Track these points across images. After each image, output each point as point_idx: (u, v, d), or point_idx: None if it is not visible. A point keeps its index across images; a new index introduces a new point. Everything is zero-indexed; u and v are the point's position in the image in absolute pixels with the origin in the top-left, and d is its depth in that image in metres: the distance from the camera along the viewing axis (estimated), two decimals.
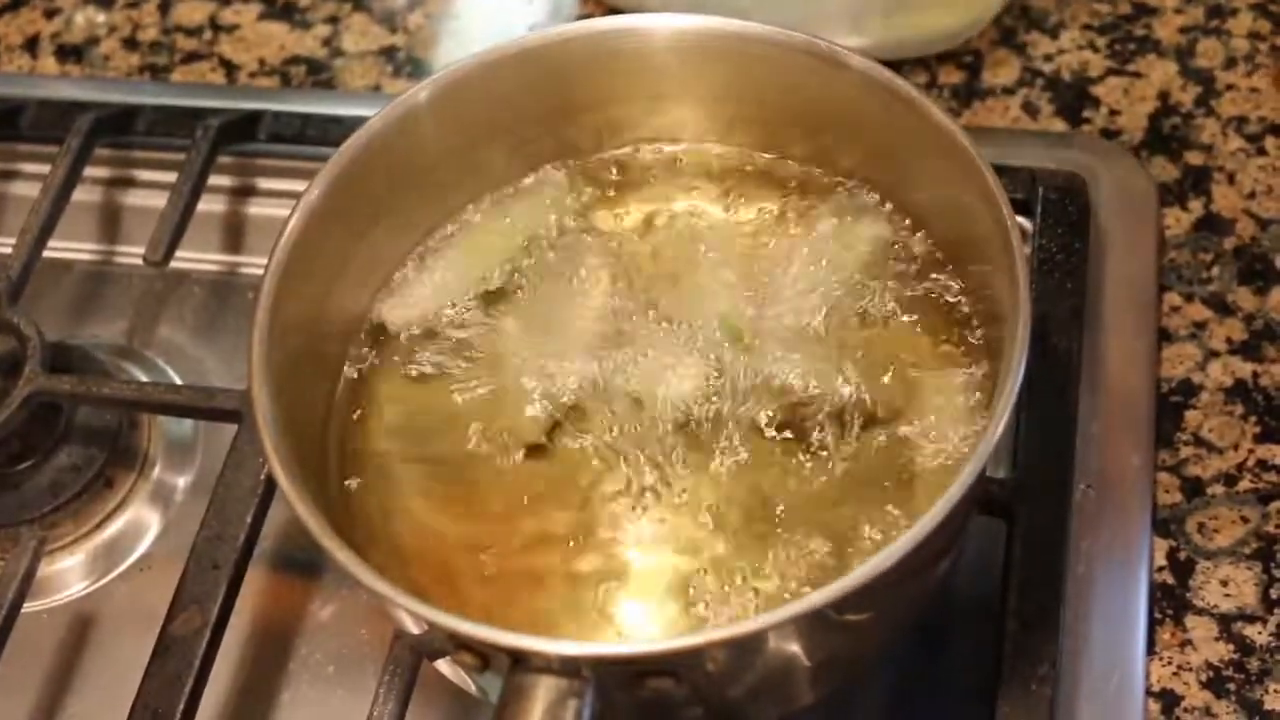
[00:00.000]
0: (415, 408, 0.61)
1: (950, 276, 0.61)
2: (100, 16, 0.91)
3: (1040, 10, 0.82)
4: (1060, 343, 0.66)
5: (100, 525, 0.73)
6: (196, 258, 0.80)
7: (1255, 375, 0.69)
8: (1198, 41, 0.80)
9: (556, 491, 0.58)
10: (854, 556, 0.55)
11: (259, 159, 0.81)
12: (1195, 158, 0.76)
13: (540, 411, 0.59)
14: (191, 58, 0.88)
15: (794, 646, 0.52)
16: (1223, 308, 0.71)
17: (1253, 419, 0.68)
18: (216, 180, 0.79)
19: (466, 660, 0.50)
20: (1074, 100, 0.79)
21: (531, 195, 0.66)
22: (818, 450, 0.57)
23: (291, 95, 0.85)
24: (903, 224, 0.62)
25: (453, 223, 0.65)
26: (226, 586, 0.63)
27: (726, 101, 0.64)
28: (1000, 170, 0.56)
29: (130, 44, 0.90)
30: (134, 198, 0.83)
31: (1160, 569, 0.64)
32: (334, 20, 0.88)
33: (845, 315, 0.60)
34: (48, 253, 0.75)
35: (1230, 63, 0.79)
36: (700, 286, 0.61)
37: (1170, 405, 0.68)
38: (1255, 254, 0.72)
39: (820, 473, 0.57)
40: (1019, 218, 0.56)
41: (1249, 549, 0.64)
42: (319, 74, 0.86)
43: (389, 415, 0.61)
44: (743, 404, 0.58)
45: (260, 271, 0.57)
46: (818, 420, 0.58)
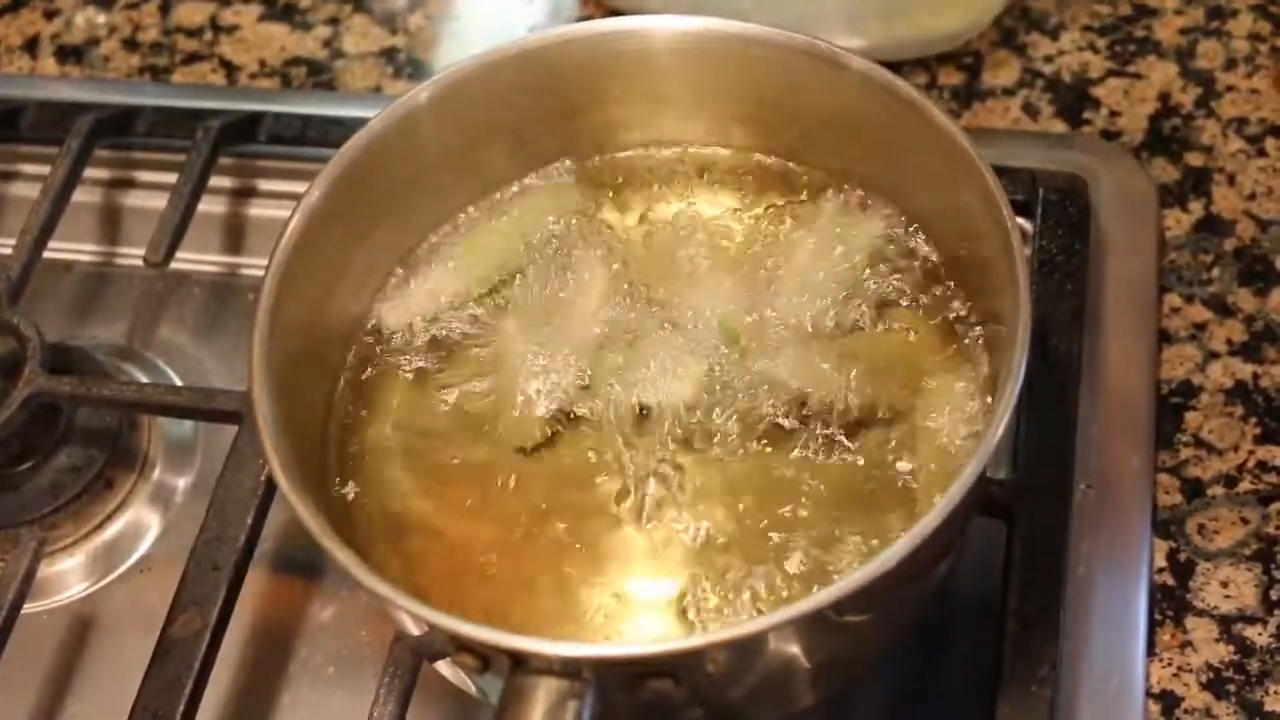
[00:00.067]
0: (416, 409, 0.61)
1: (950, 278, 0.61)
2: (100, 17, 0.91)
3: (1041, 11, 0.82)
4: (1060, 344, 0.66)
5: (100, 526, 0.73)
6: (197, 259, 0.80)
7: (1255, 376, 0.69)
8: (1198, 43, 0.80)
9: (556, 493, 0.58)
10: (854, 558, 0.55)
11: (259, 160, 0.81)
12: (1195, 159, 0.76)
13: (540, 412, 0.59)
14: (192, 59, 0.88)
15: (794, 648, 0.52)
16: (1223, 309, 0.71)
17: (1253, 420, 0.68)
18: (217, 181, 0.79)
19: (467, 662, 0.50)
20: (1074, 101, 0.79)
21: (531, 196, 0.66)
22: (818, 452, 0.57)
23: (292, 96, 0.85)
24: (903, 225, 0.62)
25: (453, 224, 0.65)
26: (226, 588, 0.63)
27: (726, 103, 0.64)
28: (1000, 171, 0.56)
29: (130, 45, 0.90)
30: (134, 199, 0.83)
31: (1160, 570, 0.64)
32: (334, 21, 0.88)
33: (845, 317, 0.60)
34: (48, 254, 0.75)
35: (1230, 64, 0.79)
36: (699, 288, 0.61)
37: (1170, 406, 0.68)
38: (1255, 255, 0.72)
39: (820, 475, 0.57)
40: (1019, 219, 0.56)
41: (1249, 550, 0.64)
42: (319, 75, 0.86)
43: (389, 416, 0.61)
44: (742, 406, 0.58)
45: (260, 273, 0.57)
46: (817, 422, 0.58)
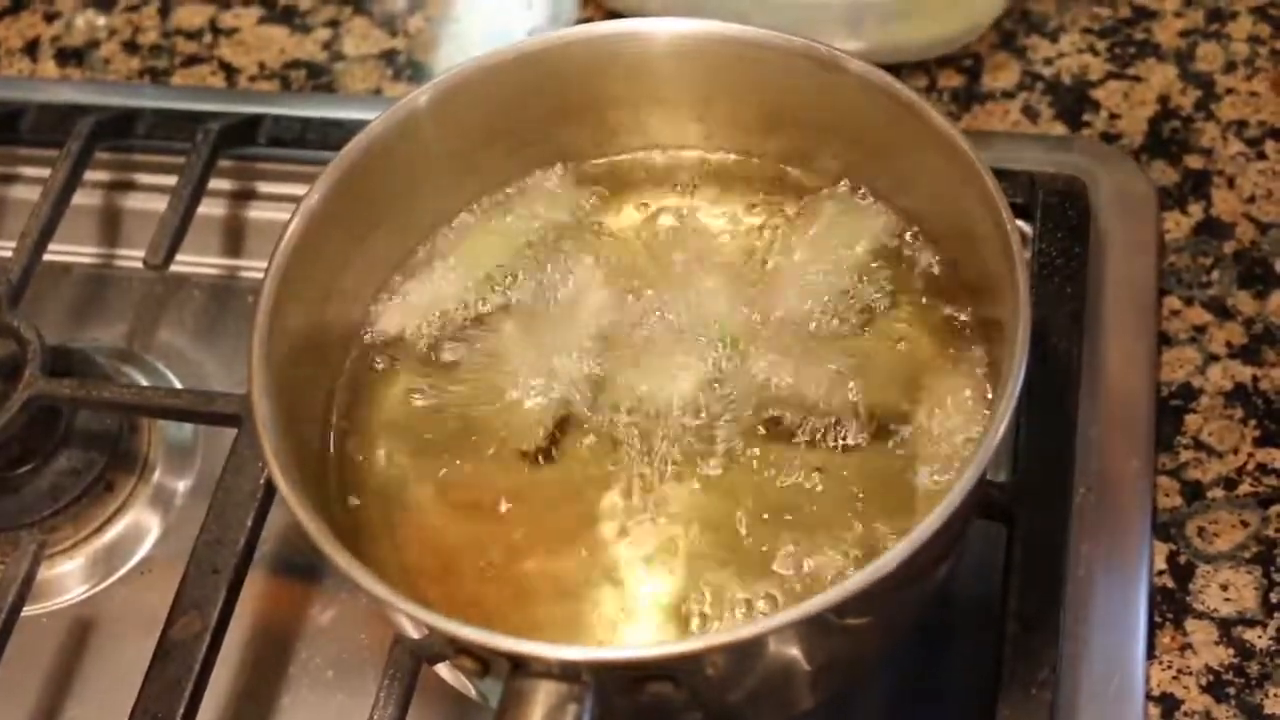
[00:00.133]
0: (415, 411, 0.61)
1: (949, 280, 0.61)
2: (100, 20, 0.91)
3: (1040, 14, 0.82)
4: (1060, 346, 0.66)
5: (100, 529, 0.73)
6: (196, 261, 0.80)
7: (1255, 379, 0.69)
8: (1197, 45, 0.80)
9: (556, 495, 0.58)
10: (854, 561, 0.55)
11: (259, 162, 0.81)
12: (1195, 161, 0.76)
13: (539, 415, 0.59)
14: (192, 61, 0.88)
15: (794, 651, 0.52)
16: (1222, 312, 0.71)
17: (1253, 423, 0.68)
18: (217, 184, 0.79)
19: (466, 665, 0.50)
20: (1074, 104, 0.79)
21: (531, 198, 0.66)
22: (817, 455, 0.57)
23: (292, 99, 0.85)
24: (902, 228, 0.62)
25: (452, 226, 0.65)
26: (226, 591, 0.63)
27: (725, 105, 0.64)
28: (1000, 174, 0.56)
29: (130, 47, 0.90)
30: (134, 201, 0.83)
31: (1160, 573, 0.64)
32: (334, 24, 0.88)
33: (844, 319, 0.60)
34: (48, 256, 0.75)
35: (1230, 66, 0.79)
36: (699, 290, 0.61)
37: (1170, 409, 0.68)
38: (1255, 258, 0.72)
39: (820, 477, 0.57)
40: (1019, 221, 0.56)
41: (1249, 553, 0.64)
42: (319, 78, 0.86)
43: (389, 419, 0.61)
44: (742, 408, 0.58)
45: (260, 275, 0.57)
46: (817, 425, 0.58)
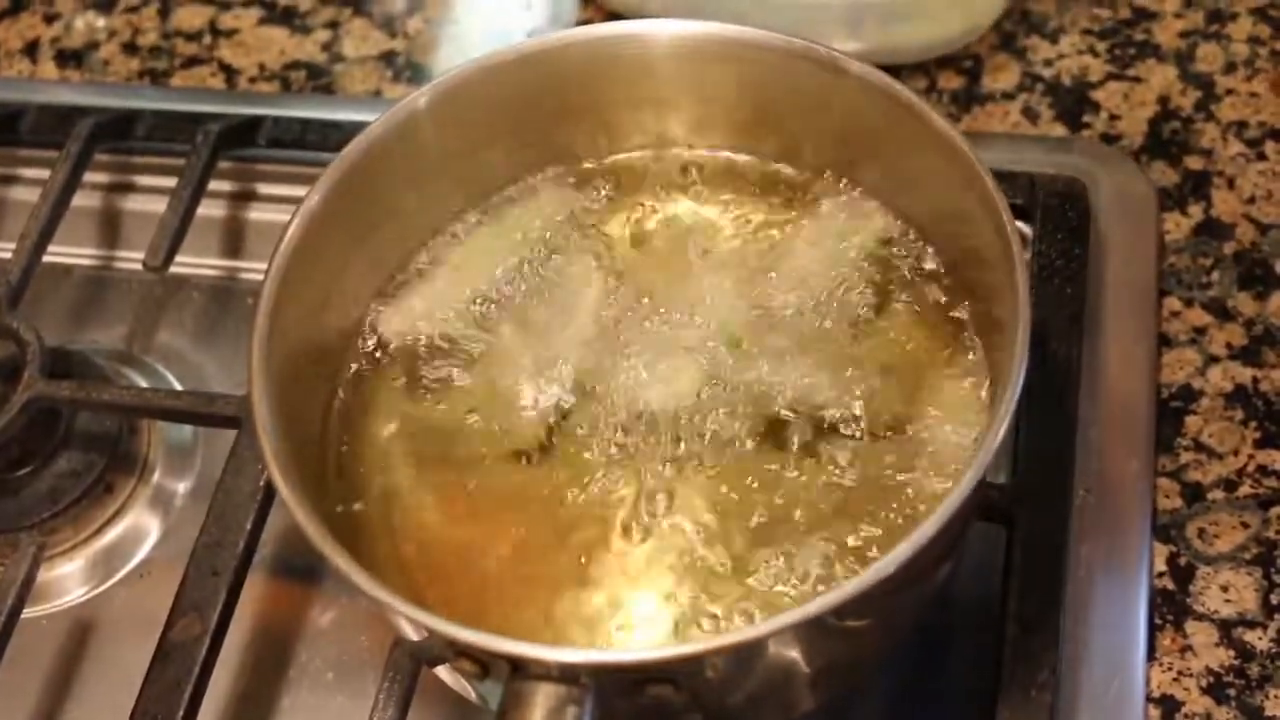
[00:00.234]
0: (414, 413, 0.61)
1: (949, 281, 0.61)
2: (100, 21, 0.91)
3: (1040, 15, 0.82)
4: (1060, 348, 0.66)
5: (100, 531, 0.72)
6: (196, 263, 0.80)
7: (1255, 380, 0.69)
8: (1197, 46, 0.80)
9: (556, 497, 0.58)
10: (854, 563, 0.55)
11: (259, 164, 0.81)
12: (1195, 162, 0.76)
13: (539, 417, 0.59)
14: (191, 62, 0.88)
15: (794, 653, 0.52)
16: (1223, 313, 0.71)
17: (1253, 424, 0.68)
18: (216, 185, 0.79)
19: (466, 667, 0.50)
20: (1074, 105, 0.79)
21: (531, 200, 0.66)
22: (817, 457, 0.57)
23: (291, 100, 0.85)
24: (902, 229, 0.62)
25: (452, 227, 0.65)
26: (226, 592, 0.63)
27: (725, 106, 0.64)
28: (1000, 175, 0.56)
29: (130, 49, 0.90)
30: (134, 203, 0.83)
31: (1160, 574, 0.64)
32: (334, 25, 0.88)
33: (844, 321, 0.60)
34: (47, 258, 0.75)
35: (1230, 67, 0.79)
36: (699, 292, 0.61)
37: (1170, 410, 0.68)
38: (1255, 259, 0.72)
39: (820, 479, 0.57)
40: (1019, 223, 0.56)
41: (1249, 554, 0.64)
42: (319, 79, 0.86)
43: (388, 420, 0.61)
44: (741, 409, 0.58)
45: (260, 277, 0.57)
46: (817, 425, 0.58)
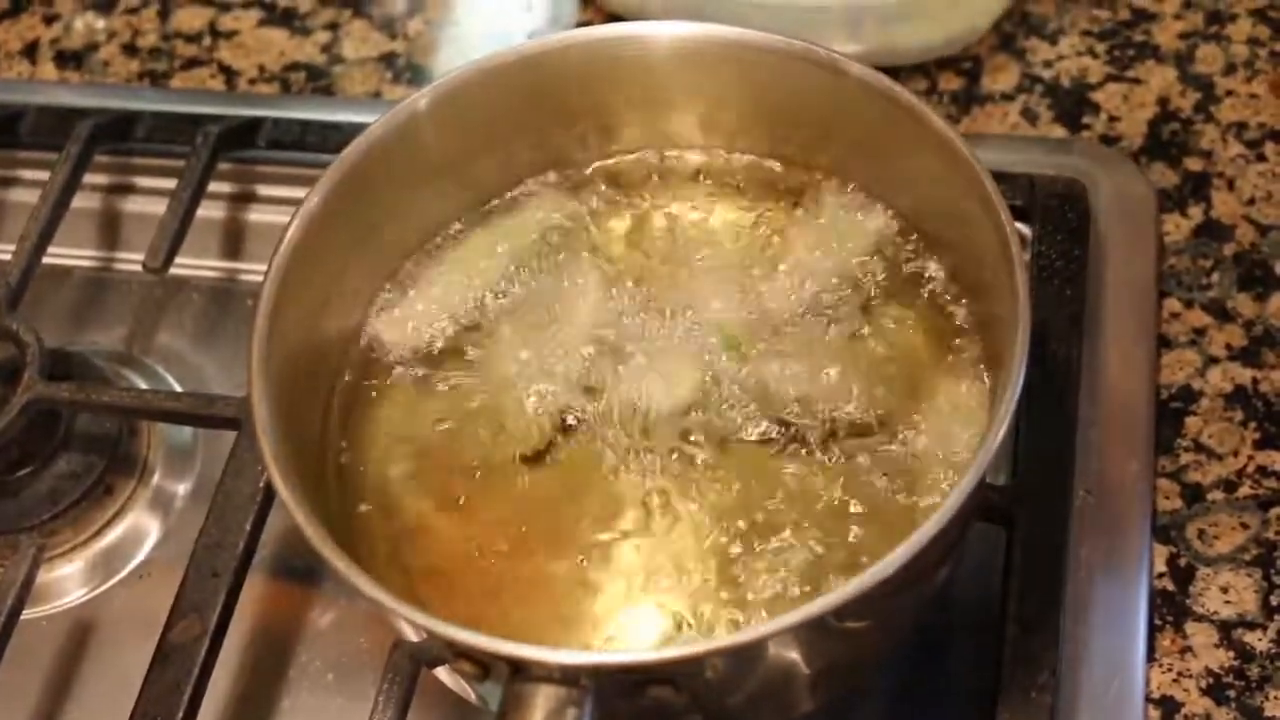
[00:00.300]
0: (414, 415, 0.61)
1: (949, 283, 0.61)
2: (100, 22, 0.91)
3: (1040, 16, 0.82)
4: (1060, 349, 0.66)
5: (99, 532, 0.72)
6: (196, 264, 0.80)
7: (1255, 381, 0.69)
8: (1197, 47, 0.80)
9: (556, 500, 0.58)
10: (854, 564, 0.55)
11: (259, 165, 0.81)
12: (1195, 164, 0.76)
13: (538, 420, 0.59)
14: (191, 64, 0.88)
15: (794, 654, 0.52)
16: (1222, 314, 0.71)
17: (1253, 425, 0.68)
18: (216, 187, 0.79)
19: (466, 669, 0.50)
20: (1073, 106, 0.79)
21: (530, 201, 0.66)
22: (818, 458, 0.57)
23: (291, 102, 0.85)
24: (901, 230, 0.62)
25: (451, 229, 0.65)
26: (226, 594, 0.63)
27: (725, 108, 0.64)
28: (999, 177, 0.56)
29: (130, 50, 0.90)
30: (133, 204, 0.83)
31: (1160, 575, 0.64)
32: (334, 27, 0.88)
33: (844, 322, 0.60)
34: (47, 259, 0.75)
35: (1230, 69, 0.79)
36: (698, 294, 0.61)
37: (1170, 411, 0.68)
38: (1255, 260, 0.72)
39: (820, 480, 0.57)
40: (1018, 224, 0.56)
41: (1249, 555, 0.64)
42: (319, 80, 0.86)
43: (388, 422, 0.61)
44: (741, 412, 0.58)
45: (260, 278, 0.57)
46: (817, 428, 0.58)
